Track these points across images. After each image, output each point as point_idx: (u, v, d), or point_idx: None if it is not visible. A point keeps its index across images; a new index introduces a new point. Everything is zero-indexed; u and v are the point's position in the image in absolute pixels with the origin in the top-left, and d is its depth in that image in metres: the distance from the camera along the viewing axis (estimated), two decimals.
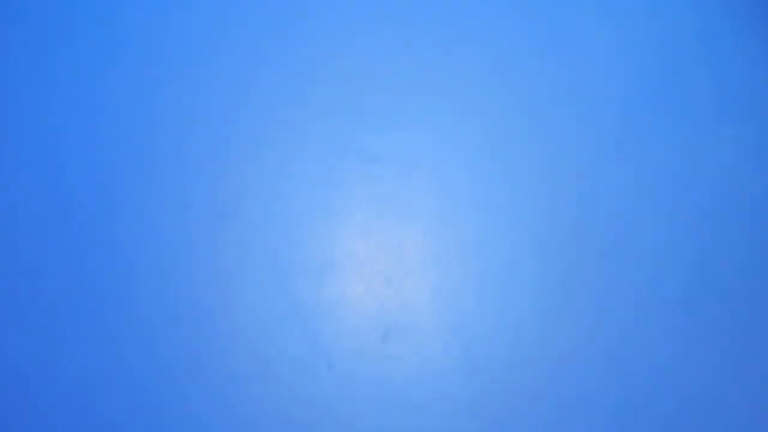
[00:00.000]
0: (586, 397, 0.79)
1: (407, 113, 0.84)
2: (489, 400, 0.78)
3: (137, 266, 0.80)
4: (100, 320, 0.79)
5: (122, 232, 0.81)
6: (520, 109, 0.85)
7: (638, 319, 0.80)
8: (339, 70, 0.85)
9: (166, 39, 0.86)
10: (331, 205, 0.83)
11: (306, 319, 0.80)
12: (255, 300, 0.80)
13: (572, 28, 0.87)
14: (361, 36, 0.86)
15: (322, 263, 0.81)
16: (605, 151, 0.84)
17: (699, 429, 0.78)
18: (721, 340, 0.80)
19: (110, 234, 0.81)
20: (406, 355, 0.79)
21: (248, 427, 0.78)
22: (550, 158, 0.83)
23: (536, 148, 0.84)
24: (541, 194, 0.83)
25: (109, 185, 0.82)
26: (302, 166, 0.83)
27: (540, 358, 0.79)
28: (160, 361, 0.79)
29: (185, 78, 0.85)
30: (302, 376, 0.79)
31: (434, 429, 0.78)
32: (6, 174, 0.83)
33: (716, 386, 0.79)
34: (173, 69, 0.85)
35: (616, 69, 0.86)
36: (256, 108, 0.84)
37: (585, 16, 0.87)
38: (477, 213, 0.83)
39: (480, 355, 0.79)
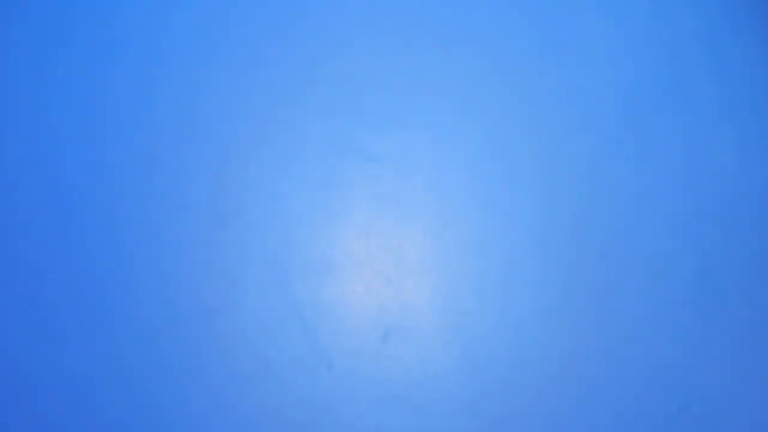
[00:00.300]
0: (586, 397, 0.79)
1: (407, 113, 0.84)
2: (489, 400, 0.78)
3: (137, 266, 0.80)
4: (101, 320, 0.79)
5: (122, 232, 0.81)
6: (520, 110, 0.85)
7: (638, 318, 0.80)
8: (339, 70, 0.85)
9: (166, 39, 0.86)
10: (331, 205, 0.83)
11: (306, 319, 0.80)
12: (255, 300, 0.80)
13: (572, 28, 0.87)
14: (361, 36, 0.86)
15: (322, 263, 0.81)
16: (605, 151, 0.84)
17: (700, 429, 0.78)
18: (722, 340, 0.80)
19: (110, 234, 0.81)
20: (406, 355, 0.79)
21: (248, 427, 0.78)
22: (550, 158, 0.83)
23: (536, 148, 0.84)
24: (542, 194, 0.83)
25: (109, 185, 0.82)
26: (302, 166, 0.83)
27: (540, 358, 0.79)
28: (161, 361, 0.79)
29: (185, 78, 0.85)
30: (302, 376, 0.79)
31: (434, 429, 0.78)
32: (6, 174, 0.83)
33: (717, 386, 0.79)
34: (173, 69, 0.85)
35: (616, 69, 0.86)
36: (256, 108, 0.84)
37: (585, 16, 0.87)
38: (477, 213, 0.83)
39: (480, 355, 0.79)
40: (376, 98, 0.85)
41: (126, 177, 0.82)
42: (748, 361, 0.79)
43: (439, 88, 0.85)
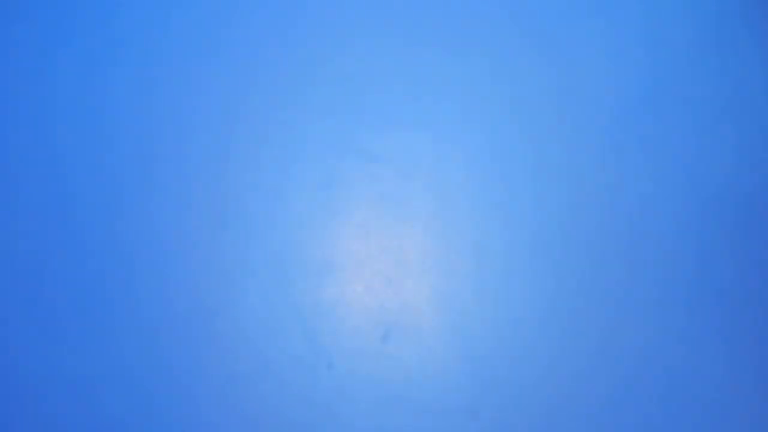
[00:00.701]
0: (585, 397, 0.79)
1: (407, 114, 0.84)
2: (488, 399, 0.78)
3: (138, 266, 0.80)
4: (101, 320, 0.79)
5: (123, 232, 0.81)
6: (520, 111, 0.85)
7: (639, 318, 0.80)
8: (339, 71, 0.85)
9: (167, 40, 0.86)
10: (332, 206, 0.83)
11: (306, 319, 0.80)
12: (255, 300, 0.80)
13: (572, 30, 0.87)
14: (361, 37, 0.86)
15: (322, 263, 0.81)
16: (605, 152, 0.84)
17: (700, 429, 0.78)
18: (721, 338, 0.80)
19: (111, 234, 0.81)
20: (406, 355, 0.79)
21: (248, 427, 0.78)
22: (549, 159, 0.83)
23: (536, 149, 0.84)
24: (541, 195, 0.83)
25: (110, 186, 0.82)
26: (303, 167, 0.83)
27: (539, 357, 0.79)
28: (161, 360, 0.79)
29: (186, 79, 0.85)
30: (302, 376, 0.79)
31: (434, 428, 0.78)
32: (8, 175, 0.83)
33: (716, 385, 0.79)
34: (174, 70, 0.85)
35: (615, 71, 0.86)
36: (257, 108, 0.84)
37: (584, 19, 0.87)
38: (477, 213, 0.83)
39: (479, 355, 0.79)
40: (376, 99, 0.85)
41: (126, 177, 0.82)
42: (748, 361, 0.79)
43: (439, 89, 0.85)
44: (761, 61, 0.86)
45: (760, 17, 0.87)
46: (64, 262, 0.80)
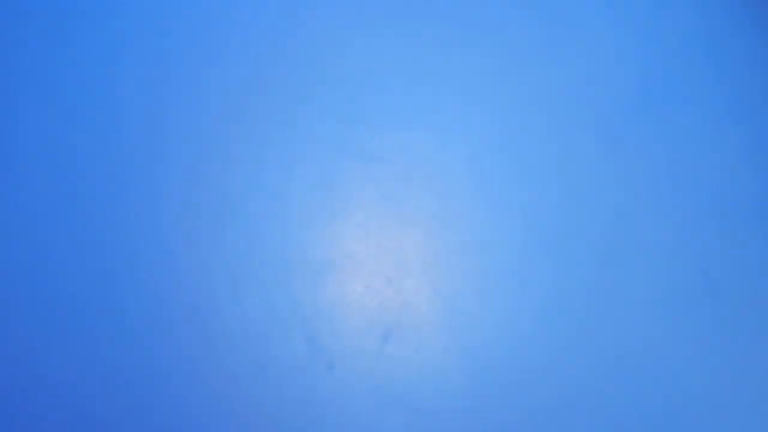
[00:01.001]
0: (588, 398, 0.78)
1: (408, 113, 0.85)
2: (490, 400, 0.78)
3: (136, 265, 0.80)
4: (97, 320, 0.79)
5: (123, 231, 0.81)
6: (522, 110, 0.85)
7: (640, 318, 0.80)
8: (339, 71, 0.85)
9: (168, 40, 0.86)
10: (332, 206, 0.83)
11: (306, 320, 0.80)
12: (254, 300, 0.80)
13: (574, 27, 0.87)
14: (361, 35, 0.86)
15: (322, 263, 0.81)
16: (607, 152, 0.84)
17: (700, 429, 0.78)
18: (722, 341, 0.80)
19: (110, 233, 0.81)
20: (406, 355, 0.79)
21: (247, 429, 0.78)
22: (551, 159, 0.84)
23: (538, 149, 0.84)
24: (543, 194, 0.83)
25: (110, 185, 0.82)
26: (303, 167, 0.83)
27: (540, 357, 0.79)
28: (160, 361, 0.79)
29: (185, 79, 0.85)
30: (302, 376, 0.79)
31: (434, 428, 0.78)
32: (11, 172, 0.83)
33: (718, 388, 0.79)
34: (174, 70, 0.85)
35: (618, 68, 0.86)
36: (257, 108, 0.84)
37: (587, 15, 0.87)
38: (478, 213, 0.83)
39: (481, 356, 0.79)
40: (376, 99, 0.85)
41: (126, 177, 0.82)
42: (748, 363, 0.79)
43: (440, 87, 0.85)
44: (764, 59, 0.86)
45: (764, 15, 0.87)
46: (64, 262, 0.80)
